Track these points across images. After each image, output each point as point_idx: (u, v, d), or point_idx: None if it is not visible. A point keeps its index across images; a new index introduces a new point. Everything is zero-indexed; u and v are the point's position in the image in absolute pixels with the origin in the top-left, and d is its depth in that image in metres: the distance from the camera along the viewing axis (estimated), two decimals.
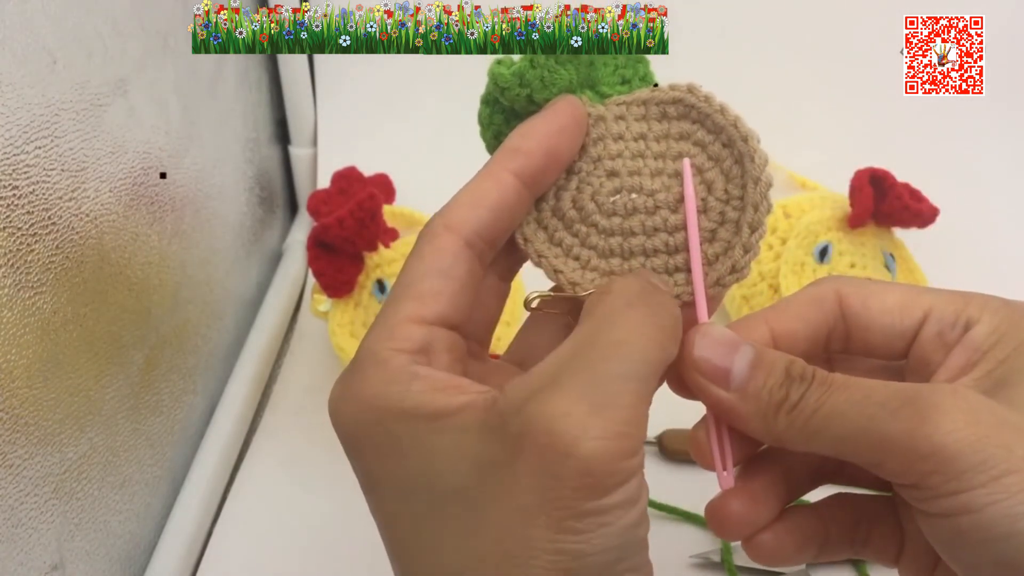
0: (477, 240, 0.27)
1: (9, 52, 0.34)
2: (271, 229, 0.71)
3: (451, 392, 0.24)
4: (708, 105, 0.28)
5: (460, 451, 0.23)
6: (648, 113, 0.29)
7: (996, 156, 0.75)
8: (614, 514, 0.22)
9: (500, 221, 0.27)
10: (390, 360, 0.25)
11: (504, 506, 0.23)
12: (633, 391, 0.23)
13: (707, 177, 0.28)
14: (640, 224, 0.28)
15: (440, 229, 0.27)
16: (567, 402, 0.22)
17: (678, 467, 0.52)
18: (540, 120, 0.28)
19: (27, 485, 0.36)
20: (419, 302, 0.26)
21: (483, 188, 0.27)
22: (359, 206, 0.51)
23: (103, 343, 0.42)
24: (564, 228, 0.29)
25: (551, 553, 0.22)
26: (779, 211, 0.59)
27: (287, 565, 0.47)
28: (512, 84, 0.29)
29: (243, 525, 0.49)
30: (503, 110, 0.30)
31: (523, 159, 0.27)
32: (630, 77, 0.31)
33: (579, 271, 0.29)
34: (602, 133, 0.29)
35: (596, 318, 0.25)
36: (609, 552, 0.22)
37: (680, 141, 0.29)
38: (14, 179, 0.34)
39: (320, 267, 0.52)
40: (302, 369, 0.60)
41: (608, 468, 0.22)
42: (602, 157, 0.29)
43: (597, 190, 0.29)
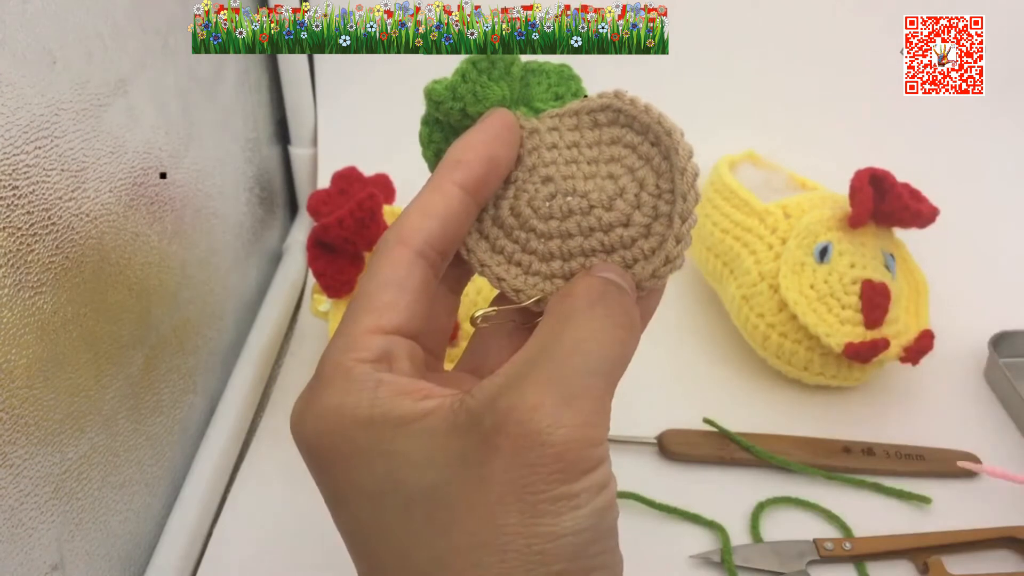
0: (428, 250, 0.28)
1: (9, 52, 0.34)
2: (271, 229, 0.71)
3: (417, 396, 0.25)
4: (634, 107, 0.29)
5: (429, 453, 0.24)
6: (580, 123, 0.30)
7: (996, 156, 0.75)
8: (584, 497, 0.23)
9: (449, 231, 0.28)
10: (353, 369, 0.26)
11: (477, 499, 0.23)
12: (598, 385, 0.25)
13: (639, 175, 0.29)
14: (576, 225, 0.29)
15: (393, 242, 0.28)
16: (537, 396, 0.24)
17: (678, 467, 0.52)
18: (476, 131, 0.30)
19: (27, 485, 0.36)
20: (377, 313, 0.27)
21: (430, 200, 0.28)
22: (359, 206, 0.51)
23: (103, 343, 0.42)
24: (505, 236, 0.30)
25: (525, 536, 0.23)
26: (779, 211, 0.59)
27: (287, 565, 0.47)
28: (445, 98, 0.30)
29: (243, 525, 0.49)
30: (442, 128, 0.32)
31: (465, 169, 0.29)
32: (563, 94, 0.32)
33: (521, 277, 0.30)
34: (536, 144, 0.30)
35: (559, 317, 0.26)
36: (580, 534, 0.23)
37: (612, 145, 0.30)
38: (14, 179, 0.34)
39: (320, 267, 0.52)
40: (302, 369, 0.61)
41: (579, 454, 0.23)
42: (537, 166, 0.30)
43: (533, 196, 0.30)
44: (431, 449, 0.24)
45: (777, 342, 0.55)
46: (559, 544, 0.23)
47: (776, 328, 0.55)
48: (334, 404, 0.25)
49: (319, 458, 0.26)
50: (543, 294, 0.29)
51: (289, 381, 0.60)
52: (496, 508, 0.23)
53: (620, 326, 0.26)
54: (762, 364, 0.58)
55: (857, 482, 0.50)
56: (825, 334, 0.53)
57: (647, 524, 0.48)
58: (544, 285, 0.30)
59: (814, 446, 0.52)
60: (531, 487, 0.23)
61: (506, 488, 0.23)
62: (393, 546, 0.25)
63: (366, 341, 0.26)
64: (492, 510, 0.23)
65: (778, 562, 0.45)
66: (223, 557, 0.48)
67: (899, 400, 0.57)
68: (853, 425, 0.54)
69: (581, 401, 0.24)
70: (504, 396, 0.24)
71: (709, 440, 0.52)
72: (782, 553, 0.46)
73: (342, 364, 0.26)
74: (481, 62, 0.30)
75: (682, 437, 0.52)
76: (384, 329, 0.27)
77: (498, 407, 0.24)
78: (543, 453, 0.23)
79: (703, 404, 0.54)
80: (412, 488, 0.24)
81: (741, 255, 0.58)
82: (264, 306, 0.64)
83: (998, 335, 0.58)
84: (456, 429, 0.24)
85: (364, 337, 0.26)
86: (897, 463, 0.51)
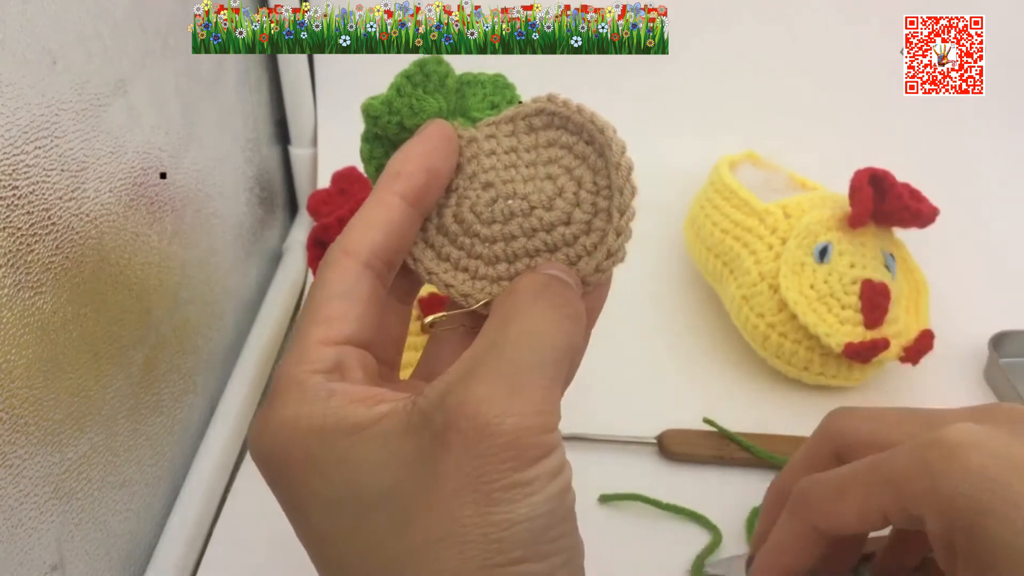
0: (374, 260, 0.28)
1: (9, 52, 0.34)
2: (271, 229, 0.71)
3: (369, 403, 0.25)
4: (567, 108, 0.30)
5: (384, 456, 0.24)
6: (516, 128, 0.31)
7: (996, 156, 0.75)
8: (538, 484, 0.24)
9: (393, 241, 0.29)
10: (305, 381, 0.26)
11: (433, 496, 0.24)
12: (545, 374, 0.25)
13: (576, 174, 0.29)
14: (519, 227, 0.29)
15: (339, 255, 0.28)
16: (486, 388, 0.24)
17: (678, 467, 0.52)
18: (413, 143, 0.30)
19: (27, 485, 0.36)
20: (326, 325, 0.27)
21: (373, 212, 0.29)
22: (359, 206, 0.51)
23: (103, 343, 0.42)
24: (450, 243, 0.31)
25: (481, 527, 0.23)
26: (779, 211, 0.59)
27: (287, 565, 0.47)
28: (382, 112, 0.31)
29: (243, 525, 0.49)
30: (383, 144, 0.32)
31: (405, 180, 0.29)
32: (499, 102, 0.32)
33: (469, 282, 0.30)
34: (475, 152, 0.31)
35: (504, 313, 0.27)
36: (536, 520, 0.24)
37: (549, 148, 0.30)
38: (14, 179, 0.34)
39: None
40: None
41: (530, 442, 0.24)
42: (477, 172, 0.30)
43: (475, 202, 0.30)
44: (386, 453, 0.24)
45: (777, 342, 0.55)
46: (515, 531, 0.23)
47: (776, 328, 0.55)
48: (289, 416, 0.26)
49: (276, 470, 0.26)
50: (491, 297, 0.30)
51: None
52: (451, 502, 0.23)
53: (565, 316, 0.27)
54: (762, 364, 0.58)
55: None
56: (825, 334, 0.53)
57: (646, 527, 0.48)
58: (492, 288, 0.30)
59: None
60: (484, 477, 0.23)
61: (460, 481, 0.23)
62: (354, 551, 0.25)
63: (317, 352, 0.27)
64: (448, 504, 0.23)
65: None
66: (223, 557, 0.48)
67: (899, 400, 0.56)
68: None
69: (529, 390, 0.24)
70: (453, 392, 0.24)
71: (709, 440, 0.52)
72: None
73: (295, 376, 0.26)
74: (416, 75, 0.31)
75: (682, 437, 0.52)
76: (335, 340, 0.27)
77: (447, 403, 0.24)
78: (493, 443, 0.23)
79: (703, 404, 0.54)
80: (369, 493, 0.24)
81: (741, 255, 0.58)
82: (264, 306, 0.64)
83: (998, 335, 0.58)
84: (410, 430, 0.24)
85: (315, 348, 0.27)
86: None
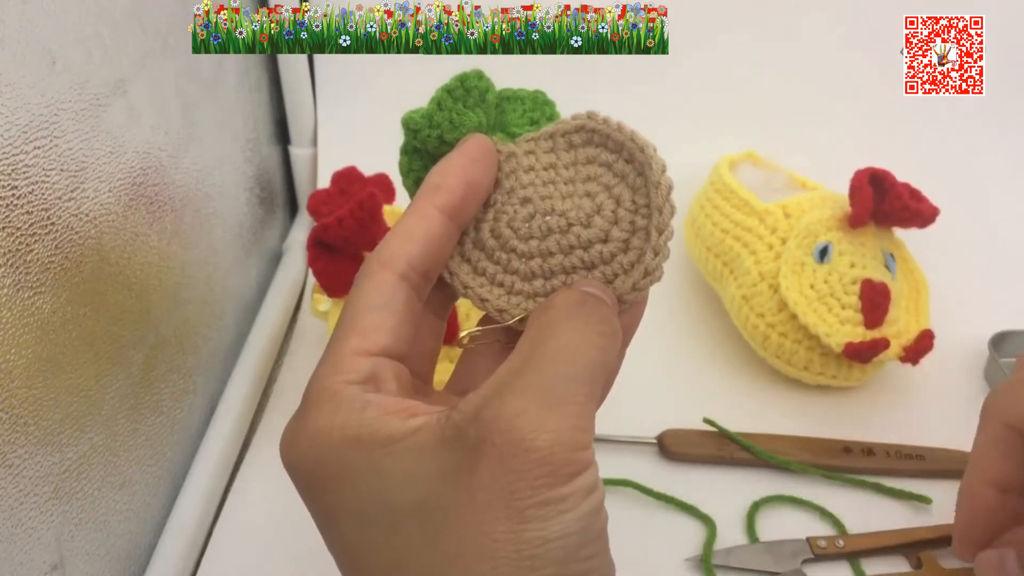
0: (411, 273, 0.28)
1: (9, 52, 0.34)
2: (271, 229, 0.71)
3: (404, 415, 0.25)
4: (607, 126, 0.30)
5: (417, 469, 0.24)
6: (555, 145, 0.31)
7: (996, 156, 0.75)
8: (571, 501, 0.23)
9: (431, 254, 0.29)
10: (340, 392, 0.26)
11: (465, 510, 0.24)
12: (580, 391, 0.25)
13: (615, 192, 0.29)
14: (556, 243, 0.29)
15: (375, 267, 0.28)
16: (521, 402, 0.24)
17: (678, 467, 0.52)
18: (454, 156, 0.30)
19: (27, 485, 0.36)
20: (362, 336, 0.27)
21: (411, 224, 0.29)
22: (359, 206, 0.51)
23: (103, 343, 0.42)
24: (486, 257, 0.31)
25: (514, 543, 0.23)
26: (779, 211, 0.59)
27: (287, 565, 0.47)
28: (422, 126, 0.31)
29: (243, 525, 0.49)
30: (421, 157, 0.32)
31: (445, 193, 0.29)
32: (538, 119, 0.32)
33: (504, 297, 0.30)
34: (513, 167, 0.31)
35: (540, 329, 0.27)
36: (569, 538, 0.23)
37: (587, 165, 0.30)
38: (13, 179, 0.34)
39: (320, 267, 0.52)
40: (302, 369, 0.60)
41: (564, 458, 0.23)
42: (515, 188, 0.30)
43: (512, 217, 0.30)
44: (419, 465, 0.24)
45: (777, 342, 0.55)
46: (548, 548, 0.23)
47: (776, 328, 0.55)
48: (322, 426, 0.26)
49: (308, 480, 0.26)
50: (526, 313, 0.30)
51: (289, 381, 0.60)
52: (484, 516, 0.23)
53: (600, 334, 0.26)
54: (762, 364, 0.58)
55: (857, 482, 0.50)
56: (825, 334, 0.53)
57: (642, 520, 0.48)
58: (527, 304, 0.30)
59: (814, 446, 0.52)
60: (518, 493, 0.23)
61: (493, 496, 0.23)
62: (383, 563, 0.25)
63: (352, 363, 0.27)
64: (480, 518, 0.23)
65: (773, 561, 0.46)
66: (223, 557, 0.48)
67: (899, 400, 0.56)
68: (853, 425, 0.54)
69: (564, 407, 0.24)
70: (488, 407, 0.24)
71: (709, 440, 0.52)
72: (776, 552, 0.46)
73: (329, 387, 0.26)
74: (456, 89, 0.31)
75: (682, 437, 0.52)
76: (370, 351, 0.27)
77: (482, 417, 0.24)
78: (528, 459, 0.23)
79: (703, 404, 0.54)
80: (401, 505, 0.24)
81: (741, 255, 0.58)
82: (264, 306, 0.64)
83: (998, 335, 0.58)
84: (443, 444, 0.24)
85: (350, 359, 0.27)
86: (897, 463, 0.51)
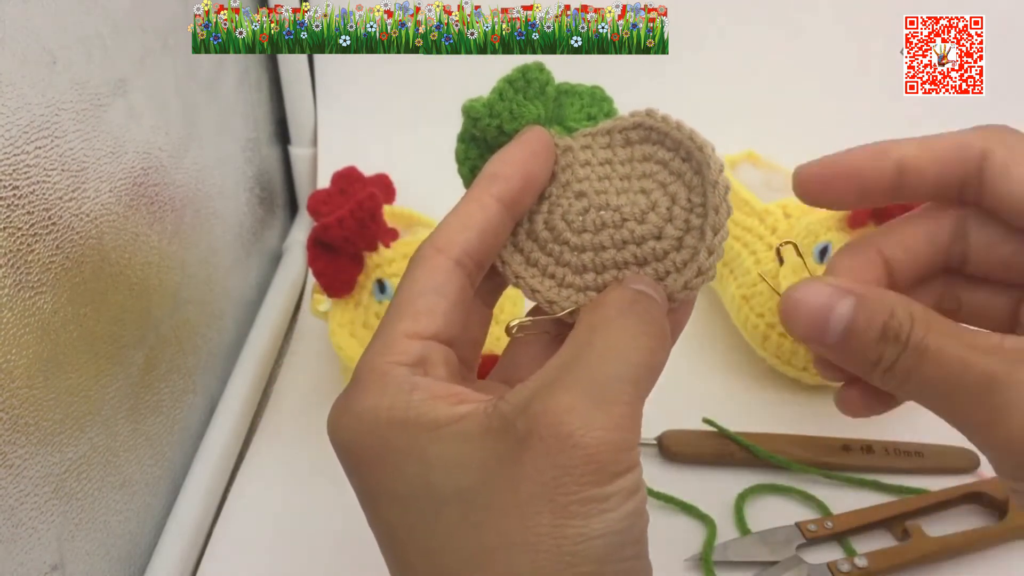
0: (467, 260, 0.28)
1: (9, 52, 0.34)
2: (271, 229, 0.71)
3: (451, 401, 0.25)
4: (666, 124, 0.30)
5: (462, 456, 0.24)
6: (612, 141, 0.31)
7: None
8: (615, 501, 0.24)
9: (486, 243, 0.29)
10: (389, 372, 0.26)
11: (508, 501, 0.24)
12: (628, 391, 0.25)
13: (670, 190, 0.29)
14: (610, 238, 0.29)
15: (431, 251, 0.28)
16: (570, 399, 0.24)
17: (678, 467, 0.52)
18: (513, 147, 0.30)
19: (27, 485, 0.36)
20: (414, 319, 0.27)
21: (469, 212, 0.29)
22: (359, 206, 0.51)
23: (103, 343, 0.42)
24: (539, 249, 0.31)
25: (555, 537, 0.23)
26: (779, 211, 0.59)
27: (287, 565, 0.47)
28: (483, 114, 0.31)
29: (243, 525, 0.49)
30: (478, 145, 0.32)
31: (503, 183, 0.29)
32: (596, 114, 0.33)
33: (555, 289, 0.30)
34: (570, 161, 0.31)
35: (591, 325, 0.27)
36: (610, 537, 0.23)
37: (643, 162, 0.30)
38: (14, 179, 0.34)
39: (320, 267, 0.52)
40: (302, 369, 0.61)
41: (611, 457, 0.24)
42: (570, 181, 0.31)
43: (567, 210, 0.30)
44: (464, 452, 0.24)
45: (777, 342, 0.55)
46: (589, 546, 0.23)
47: (776, 328, 0.55)
48: (370, 406, 0.26)
49: (353, 459, 0.26)
50: (576, 306, 0.30)
51: (289, 381, 0.60)
52: (526, 509, 0.23)
53: (650, 335, 0.27)
54: (762, 364, 0.58)
55: (856, 480, 0.50)
56: None
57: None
58: (577, 297, 0.30)
59: (813, 445, 0.52)
60: (562, 488, 0.23)
61: (537, 489, 0.23)
62: (422, 547, 0.25)
63: (403, 345, 0.27)
64: (523, 511, 0.23)
65: (768, 551, 0.46)
66: (223, 557, 0.48)
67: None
68: (852, 424, 0.54)
69: (613, 406, 0.24)
70: (537, 400, 0.24)
71: (709, 440, 0.52)
72: (770, 541, 0.47)
73: (378, 367, 0.26)
74: (517, 81, 0.31)
75: (682, 437, 0.52)
76: (421, 334, 0.27)
77: (531, 410, 0.24)
78: (574, 455, 0.23)
79: (703, 404, 0.54)
80: (444, 490, 0.24)
81: (741, 255, 0.58)
82: (264, 306, 0.64)
83: None
84: (489, 433, 0.24)
85: (401, 341, 0.27)
86: (896, 460, 0.51)
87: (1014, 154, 0.27)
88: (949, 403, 0.25)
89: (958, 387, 0.25)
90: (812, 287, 0.27)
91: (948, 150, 0.28)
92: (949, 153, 0.28)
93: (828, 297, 0.27)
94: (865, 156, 0.28)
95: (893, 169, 0.28)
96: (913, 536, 0.46)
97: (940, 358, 0.25)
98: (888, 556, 0.45)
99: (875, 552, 0.46)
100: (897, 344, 0.25)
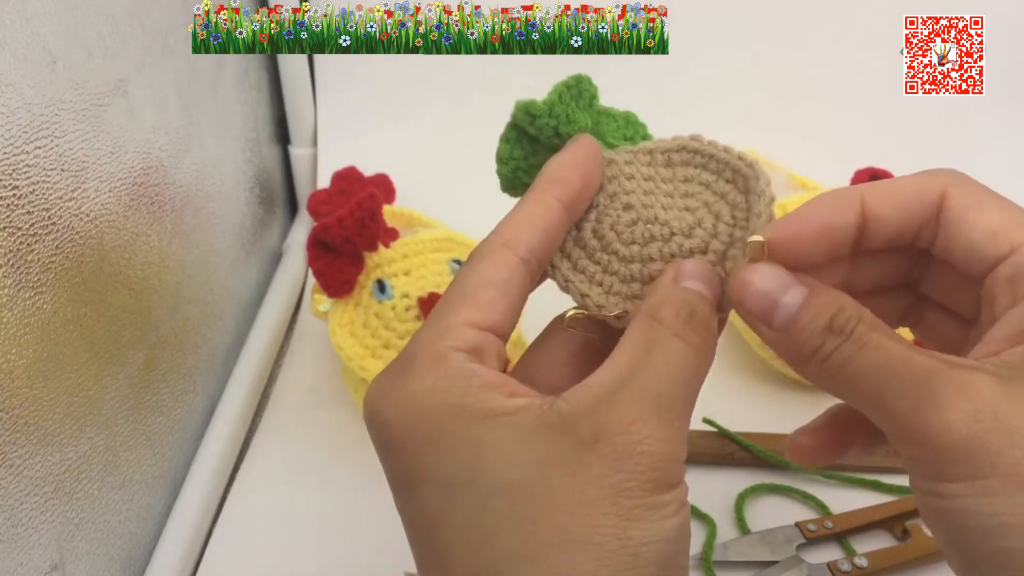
0: (531, 258, 0.29)
1: (9, 52, 0.34)
2: (271, 229, 0.71)
3: (506, 392, 0.26)
4: (713, 147, 0.31)
5: (515, 447, 0.25)
6: (654, 160, 0.32)
7: (996, 156, 0.74)
8: (671, 508, 0.25)
9: (548, 242, 0.30)
10: (448, 356, 0.26)
11: (569, 498, 0.24)
12: (684, 409, 0.26)
13: (714, 209, 0.30)
14: (658, 250, 0.30)
15: (498, 246, 0.28)
16: (637, 411, 0.25)
17: None
18: (570, 152, 0.31)
19: (27, 485, 0.36)
20: (475, 309, 0.27)
21: (534, 211, 0.29)
22: (359, 206, 0.51)
23: (103, 343, 0.42)
24: (587, 256, 0.31)
25: (620, 537, 0.24)
26: (779, 211, 0.59)
27: (287, 565, 0.47)
28: (543, 112, 0.31)
29: (243, 525, 0.49)
30: (522, 147, 0.33)
31: (564, 186, 0.30)
32: (632, 136, 0.33)
33: (603, 296, 0.31)
34: (615, 173, 0.31)
35: (652, 340, 0.27)
36: (667, 542, 0.24)
37: (686, 183, 0.31)
38: (14, 179, 0.34)
39: (320, 267, 0.52)
40: (302, 369, 0.61)
41: (670, 468, 0.25)
42: (617, 193, 0.31)
43: (615, 220, 0.31)
44: (518, 444, 0.25)
45: None
46: (652, 548, 0.24)
47: None
48: (425, 387, 0.26)
49: (397, 439, 0.26)
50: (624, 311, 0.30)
51: (289, 381, 0.60)
52: (591, 509, 0.24)
53: (702, 355, 0.27)
54: (762, 364, 0.58)
55: (856, 480, 0.50)
56: None
57: None
58: (625, 304, 0.30)
59: None
60: (627, 492, 0.24)
61: (603, 491, 0.24)
62: (462, 536, 0.25)
63: (462, 332, 0.27)
64: (588, 510, 0.24)
65: (769, 550, 0.46)
66: (223, 557, 0.48)
67: None
68: None
69: (673, 421, 0.25)
70: (601, 407, 0.25)
71: (709, 440, 0.52)
72: (770, 541, 0.47)
73: (436, 349, 0.26)
74: (573, 87, 0.32)
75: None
76: (480, 325, 0.27)
77: (596, 417, 0.25)
78: (641, 462, 0.24)
79: (703, 404, 0.54)
80: (494, 481, 0.24)
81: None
82: (264, 306, 0.64)
83: None
84: (547, 429, 0.25)
85: (461, 328, 0.27)
86: (896, 460, 0.51)
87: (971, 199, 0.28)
88: (880, 394, 0.25)
89: (894, 377, 0.25)
90: (766, 270, 0.28)
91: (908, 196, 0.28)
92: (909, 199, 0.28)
93: (779, 282, 0.27)
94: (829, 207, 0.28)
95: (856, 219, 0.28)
96: (913, 536, 0.46)
97: (879, 350, 0.25)
98: (888, 556, 0.45)
99: (875, 552, 0.46)
100: (840, 336, 0.26)
